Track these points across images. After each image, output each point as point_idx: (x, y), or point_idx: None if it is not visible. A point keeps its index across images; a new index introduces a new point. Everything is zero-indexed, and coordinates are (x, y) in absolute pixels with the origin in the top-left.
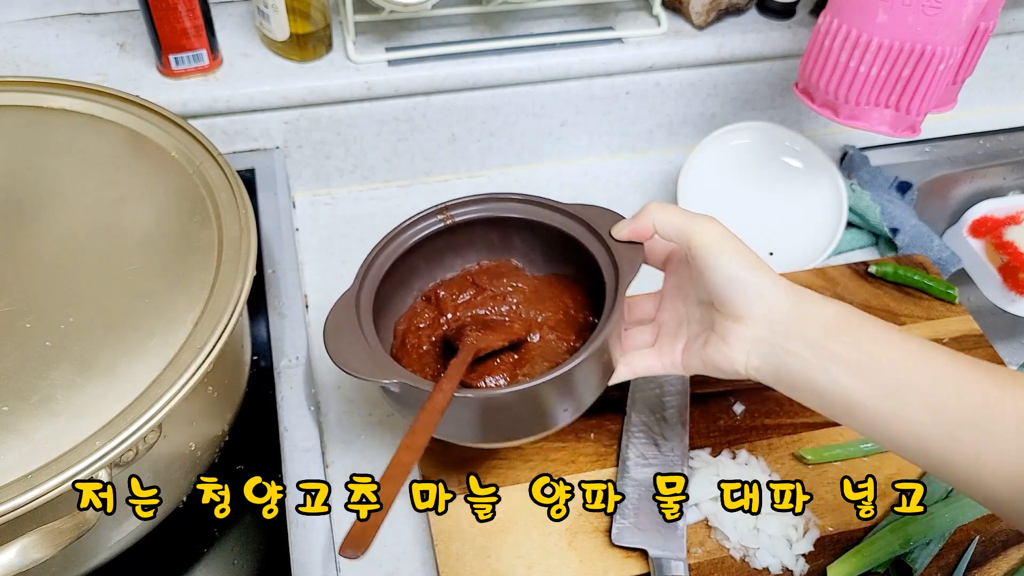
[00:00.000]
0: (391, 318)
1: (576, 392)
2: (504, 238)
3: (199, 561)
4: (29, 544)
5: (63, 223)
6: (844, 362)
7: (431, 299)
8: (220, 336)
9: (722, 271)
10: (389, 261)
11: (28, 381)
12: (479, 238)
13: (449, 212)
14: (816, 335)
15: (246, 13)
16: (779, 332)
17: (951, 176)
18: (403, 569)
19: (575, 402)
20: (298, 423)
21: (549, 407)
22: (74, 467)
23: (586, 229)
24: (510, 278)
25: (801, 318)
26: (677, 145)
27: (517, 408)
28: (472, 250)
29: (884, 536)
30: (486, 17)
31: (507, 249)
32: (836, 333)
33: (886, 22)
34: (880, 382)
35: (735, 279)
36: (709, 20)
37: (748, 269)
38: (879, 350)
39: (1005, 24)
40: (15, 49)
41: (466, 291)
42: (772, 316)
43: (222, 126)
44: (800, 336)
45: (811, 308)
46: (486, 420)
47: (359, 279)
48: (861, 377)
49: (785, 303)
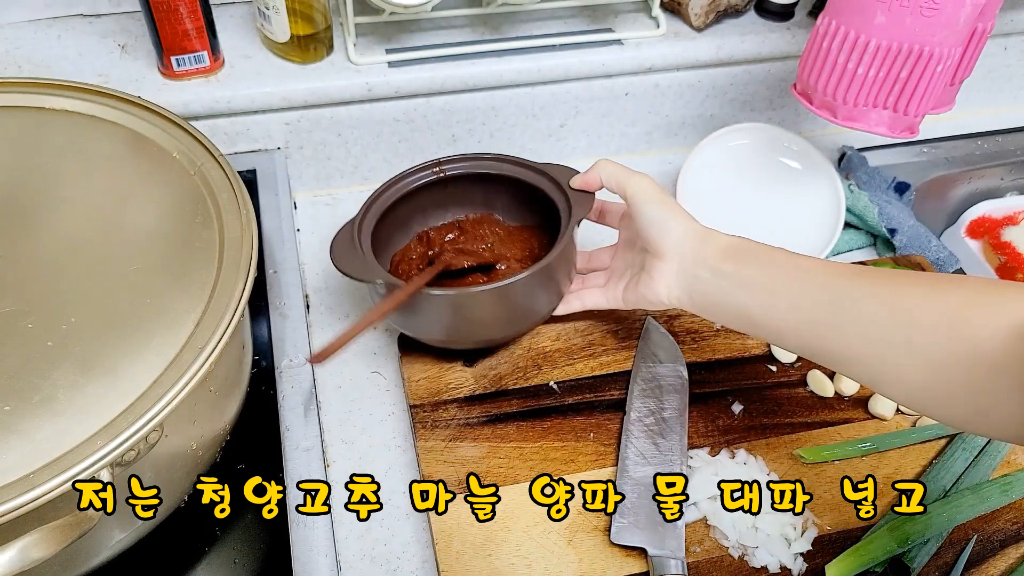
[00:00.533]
0: (390, 253)
1: (521, 304)
2: (488, 194)
3: (200, 560)
4: (30, 543)
5: (65, 224)
6: (734, 278)
7: (423, 238)
8: (221, 336)
9: (647, 215)
10: (389, 201)
11: (30, 381)
12: (467, 194)
13: (442, 167)
14: (715, 260)
15: (247, 15)
16: (688, 261)
17: (949, 177)
18: (403, 567)
19: (522, 313)
20: (299, 423)
21: (498, 313)
22: (76, 467)
23: (552, 183)
24: (490, 225)
25: (704, 248)
26: (676, 146)
27: (472, 310)
28: (461, 205)
29: (882, 535)
30: (486, 19)
31: (490, 205)
32: (730, 256)
33: (884, 23)
34: (760, 291)
35: (656, 221)
36: (708, 22)
37: (667, 213)
38: (762, 267)
39: (1003, 25)
40: (17, 50)
41: (452, 232)
42: (683, 250)
43: (223, 127)
44: (703, 262)
45: (713, 239)
46: (448, 319)
47: (362, 211)
48: (747, 289)
49: (694, 239)
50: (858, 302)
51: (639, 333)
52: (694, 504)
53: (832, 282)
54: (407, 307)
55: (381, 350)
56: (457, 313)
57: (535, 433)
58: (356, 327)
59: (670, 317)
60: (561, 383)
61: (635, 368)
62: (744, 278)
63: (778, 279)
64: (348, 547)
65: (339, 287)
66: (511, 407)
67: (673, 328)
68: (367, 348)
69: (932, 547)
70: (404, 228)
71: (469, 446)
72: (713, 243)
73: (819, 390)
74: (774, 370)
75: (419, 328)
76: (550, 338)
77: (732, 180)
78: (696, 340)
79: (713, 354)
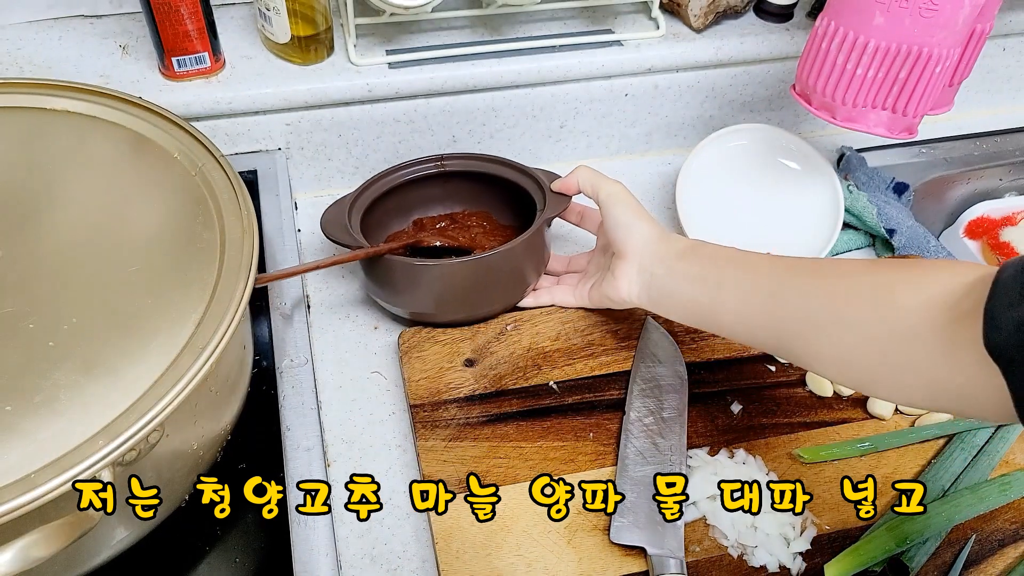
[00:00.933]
0: (384, 231)
1: (477, 284)
2: (484, 193)
3: (201, 560)
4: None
5: (66, 224)
6: (686, 273)
7: (418, 223)
8: (222, 336)
9: (614, 217)
10: (389, 185)
11: (31, 381)
12: (465, 190)
13: (443, 161)
14: (671, 258)
15: (248, 16)
16: (647, 260)
17: (948, 177)
18: (404, 567)
19: (479, 294)
20: (299, 423)
21: (454, 290)
22: (77, 466)
23: (536, 186)
24: (480, 220)
25: (662, 248)
26: (675, 147)
27: (442, 283)
28: (459, 200)
29: (881, 535)
30: (486, 20)
31: (486, 203)
32: (684, 255)
33: (883, 24)
34: (709, 285)
35: (621, 223)
36: (707, 23)
37: (632, 216)
38: (712, 262)
39: (1001, 26)
40: (18, 51)
41: (444, 222)
42: (644, 250)
43: (224, 128)
44: (660, 260)
45: (671, 241)
46: (405, 287)
47: (359, 189)
48: (697, 283)
49: (655, 240)
50: (798, 288)
51: (639, 333)
52: (693, 504)
53: (776, 272)
54: (376, 272)
55: (381, 350)
56: (413, 282)
57: (535, 433)
58: (308, 266)
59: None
60: (561, 383)
61: (634, 368)
62: (694, 274)
63: (726, 272)
64: (348, 547)
65: (340, 287)
66: (511, 407)
67: (673, 328)
68: (367, 348)
69: (931, 547)
70: (402, 214)
71: (469, 446)
72: (671, 244)
73: (818, 390)
74: (773, 370)
75: (382, 295)
76: (550, 338)
77: (731, 181)
78: (695, 340)
79: (712, 354)
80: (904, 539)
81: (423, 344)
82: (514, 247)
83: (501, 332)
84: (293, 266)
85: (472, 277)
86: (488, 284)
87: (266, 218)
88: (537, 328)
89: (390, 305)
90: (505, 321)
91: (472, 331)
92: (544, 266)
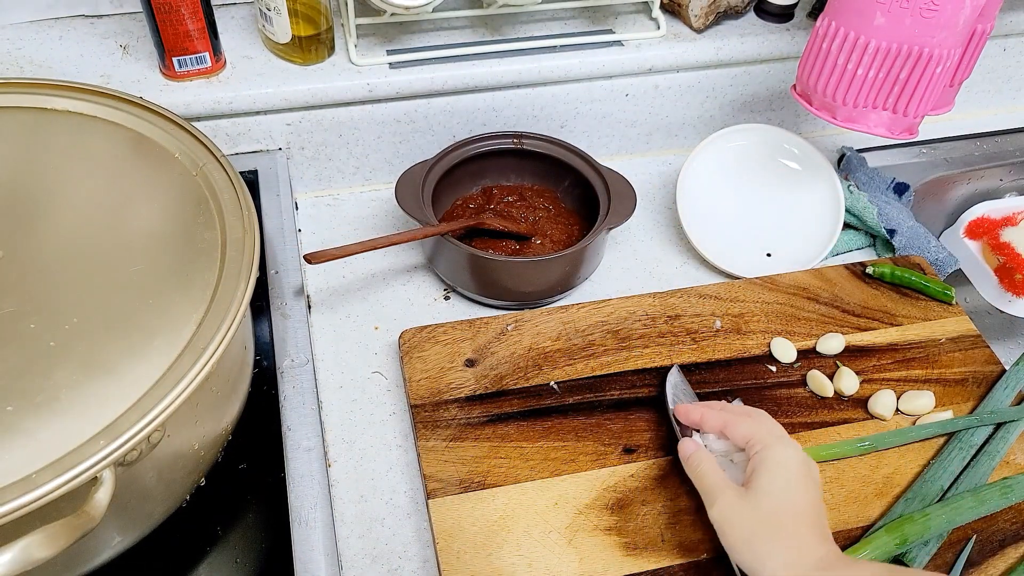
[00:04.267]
0: (456, 195)
1: (534, 280)
2: (555, 174)
3: (202, 560)
4: (32, 543)
5: (67, 224)
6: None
7: (487, 192)
8: (223, 336)
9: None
10: (464, 155)
11: (32, 381)
12: (539, 168)
13: (522, 140)
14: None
15: (249, 16)
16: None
17: (948, 177)
18: (404, 567)
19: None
20: (300, 423)
21: (513, 281)
22: (78, 466)
23: (604, 186)
24: (547, 200)
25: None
26: (676, 147)
27: (491, 274)
28: (531, 176)
29: (881, 535)
30: (486, 20)
31: (555, 183)
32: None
33: (884, 25)
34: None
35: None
36: (707, 23)
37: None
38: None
39: (1002, 27)
40: (18, 51)
41: (513, 195)
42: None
43: (225, 128)
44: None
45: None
46: (470, 275)
47: (436, 158)
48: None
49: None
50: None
51: (639, 333)
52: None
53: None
54: (436, 246)
55: (382, 350)
56: (461, 265)
57: (536, 433)
58: (364, 245)
59: (670, 317)
60: (561, 383)
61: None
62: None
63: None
64: (349, 547)
65: (341, 288)
66: (512, 407)
67: (673, 328)
68: (368, 348)
69: (932, 547)
70: (475, 179)
71: (470, 446)
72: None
73: (818, 390)
74: (774, 370)
75: (440, 268)
76: (550, 338)
77: (732, 181)
78: (696, 340)
79: (713, 354)
80: (905, 540)
81: (424, 344)
82: (570, 254)
83: (502, 332)
84: (346, 244)
85: (523, 275)
86: (536, 280)
87: (267, 218)
88: (538, 328)
89: (436, 268)
90: (505, 321)
91: (473, 331)
92: (594, 269)
